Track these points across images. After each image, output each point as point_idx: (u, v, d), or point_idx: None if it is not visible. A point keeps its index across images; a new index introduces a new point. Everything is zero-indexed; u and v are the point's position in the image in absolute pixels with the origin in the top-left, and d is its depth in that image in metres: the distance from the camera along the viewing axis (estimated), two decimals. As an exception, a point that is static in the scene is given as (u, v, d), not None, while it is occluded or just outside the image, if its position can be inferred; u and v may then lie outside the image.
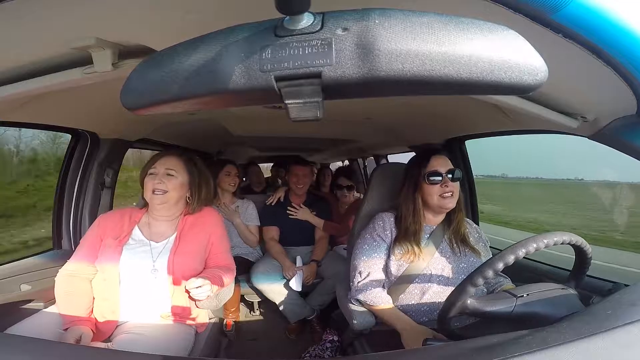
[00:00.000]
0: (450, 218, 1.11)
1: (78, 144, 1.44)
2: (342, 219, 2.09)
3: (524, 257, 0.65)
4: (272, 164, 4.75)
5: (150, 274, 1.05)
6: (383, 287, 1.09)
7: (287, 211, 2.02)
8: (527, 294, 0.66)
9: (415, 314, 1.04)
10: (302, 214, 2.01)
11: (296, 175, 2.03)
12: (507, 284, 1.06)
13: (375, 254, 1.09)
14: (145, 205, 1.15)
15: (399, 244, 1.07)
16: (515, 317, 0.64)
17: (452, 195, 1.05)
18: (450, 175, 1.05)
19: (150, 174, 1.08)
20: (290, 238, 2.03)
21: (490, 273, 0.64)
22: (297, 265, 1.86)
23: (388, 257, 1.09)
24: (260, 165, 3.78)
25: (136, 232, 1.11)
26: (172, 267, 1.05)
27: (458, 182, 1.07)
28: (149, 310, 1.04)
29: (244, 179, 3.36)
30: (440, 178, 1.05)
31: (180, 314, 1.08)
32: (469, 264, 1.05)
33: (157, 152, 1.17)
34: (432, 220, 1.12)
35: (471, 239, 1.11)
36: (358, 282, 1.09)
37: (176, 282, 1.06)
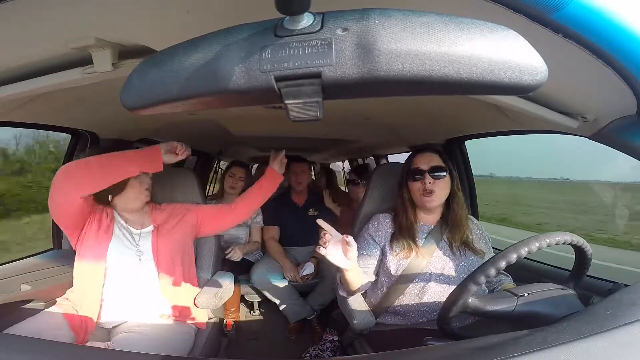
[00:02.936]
0: (446, 217, 1.11)
1: (78, 144, 1.44)
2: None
3: (524, 257, 0.65)
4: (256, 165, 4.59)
5: (135, 257, 1.07)
6: (376, 287, 1.09)
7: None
8: (529, 294, 0.66)
9: (415, 314, 1.04)
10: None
11: (295, 173, 2.06)
12: (508, 282, 1.06)
13: (366, 254, 1.09)
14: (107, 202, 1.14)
15: (396, 241, 1.07)
16: (516, 316, 0.64)
17: (432, 193, 1.03)
18: (435, 174, 1.04)
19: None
20: (291, 238, 2.03)
21: (492, 271, 0.64)
22: (306, 272, 1.85)
23: (385, 257, 1.09)
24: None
25: (117, 217, 1.13)
26: (157, 249, 1.10)
27: (444, 179, 1.05)
28: (136, 299, 1.05)
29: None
30: (420, 175, 1.05)
31: (179, 313, 1.08)
32: (469, 263, 1.05)
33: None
34: (428, 220, 1.12)
35: (472, 237, 1.11)
36: None
37: (162, 266, 1.09)
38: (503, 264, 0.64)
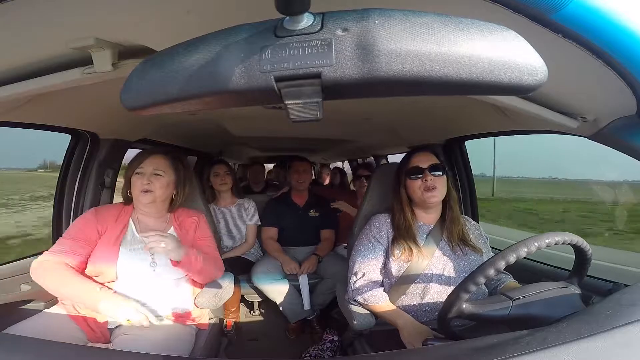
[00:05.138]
0: (445, 217, 1.11)
1: (78, 144, 1.44)
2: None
3: (523, 257, 0.65)
4: (273, 164, 4.80)
5: (149, 268, 1.05)
6: (381, 287, 1.09)
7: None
8: (524, 296, 0.66)
9: (416, 314, 1.04)
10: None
11: (297, 172, 2.06)
12: (509, 280, 1.06)
13: (371, 255, 1.09)
14: (131, 201, 1.14)
15: (396, 244, 1.07)
16: (512, 319, 0.65)
17: (434, 189, 1.05)
18: (434, 172, 1.06)
19: (138, 173, 1.08)
20: (291, 238, 2.03)
21: (481, 279, 0.65)
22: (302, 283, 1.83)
23: (387, 257, 1.09)
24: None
25: (131, 225, 1.11)
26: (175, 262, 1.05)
27: (443, 177, 1.07)
28: (150, 308, 1.03)
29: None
30: (420, 174, 1.06)
31: (180, 314, 1.08)
32: (470, 262, 1.05)
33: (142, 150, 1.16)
34: (427, 219, 1.12)
35: (471, 236, 1.11)
36: (354, 283, 1.09)
37: (177, 275, 1.07)
38: (492, 272, 0.64)
